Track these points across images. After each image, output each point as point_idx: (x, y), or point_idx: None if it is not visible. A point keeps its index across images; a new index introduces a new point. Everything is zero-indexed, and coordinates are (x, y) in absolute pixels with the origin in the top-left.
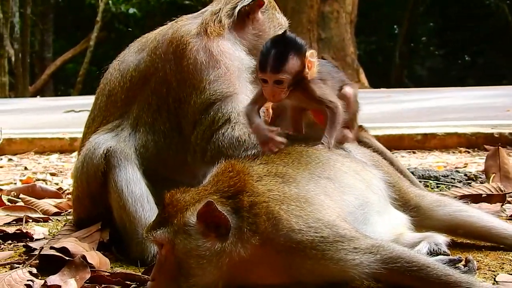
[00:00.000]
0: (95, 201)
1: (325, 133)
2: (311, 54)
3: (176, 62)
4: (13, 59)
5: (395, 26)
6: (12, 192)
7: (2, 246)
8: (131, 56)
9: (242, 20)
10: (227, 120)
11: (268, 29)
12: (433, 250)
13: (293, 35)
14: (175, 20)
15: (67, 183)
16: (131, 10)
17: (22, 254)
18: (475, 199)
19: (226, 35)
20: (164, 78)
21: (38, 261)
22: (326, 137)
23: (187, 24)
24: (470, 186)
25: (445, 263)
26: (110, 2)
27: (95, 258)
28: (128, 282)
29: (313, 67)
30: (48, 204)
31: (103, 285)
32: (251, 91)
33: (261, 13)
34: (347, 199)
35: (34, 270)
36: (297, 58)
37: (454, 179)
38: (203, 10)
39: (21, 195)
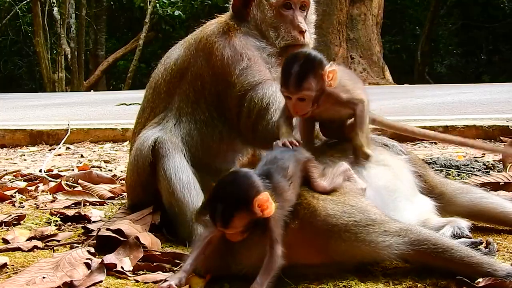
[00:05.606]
0: (146, 189)
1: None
2: (330, 65)
3: (206, 59)
4: (69, 56)
5: (417, 27)
6: (71, 178)
7: (63, 227)
8: (174, 52)
9: (246, 14)
10: (260, 107)
11: (265, 15)
12: (457, 233)
13: (313, 52)
14: (205, 23)
15: (120, 170)
16: (177, 13)
17: (81, 235)
18: (493, 186)
19: (243, 29)
20: (198, 73)
21: (95, 241)
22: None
23: (212, 25)
24: (488, 174)
25: (467, 245)
26: (157, 5)
27: (147, 238)
28: (178, 261)
29: (334, 76)
30: (104, 189)
31: (154, 264)
32: (277, 72)
33: (254, 4)
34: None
35: (92, 250)
36: (317, 76)
37: (473, 168)
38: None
39: (79, 181)
